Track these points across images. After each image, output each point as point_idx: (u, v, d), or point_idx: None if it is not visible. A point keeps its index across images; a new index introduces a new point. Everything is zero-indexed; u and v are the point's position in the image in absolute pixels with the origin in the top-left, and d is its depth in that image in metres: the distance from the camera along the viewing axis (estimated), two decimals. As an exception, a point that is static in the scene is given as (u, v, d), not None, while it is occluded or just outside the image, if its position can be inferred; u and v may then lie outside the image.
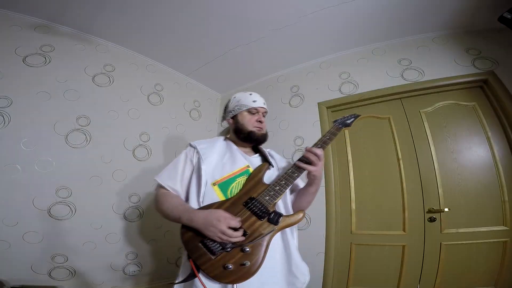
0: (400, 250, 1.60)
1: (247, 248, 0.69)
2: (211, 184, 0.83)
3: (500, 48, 1.64)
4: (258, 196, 0.78)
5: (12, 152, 1.42)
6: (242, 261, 0.68)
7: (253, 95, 1.00)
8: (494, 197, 1.46)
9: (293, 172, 0.83)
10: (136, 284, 1.77)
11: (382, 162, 1.78)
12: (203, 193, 0.82)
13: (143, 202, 1.88)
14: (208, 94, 2.71)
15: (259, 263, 0.69)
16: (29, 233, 1.40)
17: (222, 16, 1.74)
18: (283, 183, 0.81)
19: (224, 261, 0.68)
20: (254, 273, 0.68)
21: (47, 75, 1.64)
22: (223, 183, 0.84)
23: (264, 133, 1.00)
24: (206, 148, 0.93)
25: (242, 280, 0.67)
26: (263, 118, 1.01)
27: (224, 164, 0.89)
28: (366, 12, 1.69)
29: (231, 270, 0.67)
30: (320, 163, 0.81)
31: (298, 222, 0.78)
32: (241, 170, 0.88)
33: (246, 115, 0.98)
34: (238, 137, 0.98)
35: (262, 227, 0.73)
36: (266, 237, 0.73)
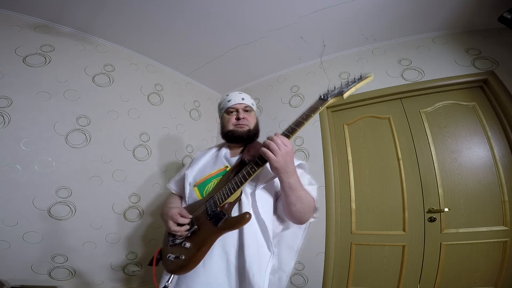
0: (400, 250, 1.60)
1: (187, 243, 0.73)
2: (193, 185, 0.90)
3: (500, 48, 1.64)
4: (215, 195, 0.77)
5: (12, 152, 1.42)
6: (179, 254, 0.73)
7: (229, 95, 0.99)
8: (494, 197, 1.46)
9: (252, 167, 0.71)
10: (136, 284, 1.77)
11: (382, 162, 1.78)
12: (188, 194, 0.90)
13: (143, 202, 1.88)
14: (208, 94, 2.71)
15: (194, 261, 0.70)
16: (29, 233, 1.40)
17: (222, 16, 1.74)
18: (238, 180, 0.72)
19: (169, 251, 0.77)
20: (188, 269, 0.70)
21: (47, 75, 1.64)
22: (201, 184, 0.89)
23: (248, 129, 0.94)
24: (200, 155, 1.02)
25: (177, 273, 0.72)
26: (244, 114, 0.95)
27: (205, 167, 0.94)
28: (366, 12, 1.69)
29: (171, 260, 0.74)
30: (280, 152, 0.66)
31: (239, 225, 0.69)
32: (219, 171, 0.89)
33: (225, 116, 0.99)
34: (224, 139, 1.00)
35: (205, 226, 0.74)
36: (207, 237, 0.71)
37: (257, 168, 0.71)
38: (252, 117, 0.99)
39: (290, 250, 0.87)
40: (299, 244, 0.88)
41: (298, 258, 0.89)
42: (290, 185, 0.70)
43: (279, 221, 0.85)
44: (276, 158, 0.66)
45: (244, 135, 0.93)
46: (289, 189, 0.71)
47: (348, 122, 1.98)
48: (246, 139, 0.93)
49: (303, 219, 0.78)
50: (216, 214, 0.71)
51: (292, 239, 0.88)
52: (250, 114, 0.98)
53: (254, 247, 0.72)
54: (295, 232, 0.88)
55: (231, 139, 0.95)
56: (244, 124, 0.94)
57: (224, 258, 0.73)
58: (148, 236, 1.88)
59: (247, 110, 0.98)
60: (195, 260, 0.70)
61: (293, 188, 0.71)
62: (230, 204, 0.75)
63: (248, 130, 0.94)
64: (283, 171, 0.68)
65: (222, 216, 0.70)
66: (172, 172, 2.13)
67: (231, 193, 0.73)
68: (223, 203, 0.73)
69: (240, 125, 0.93)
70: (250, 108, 0.99)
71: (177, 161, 2.19)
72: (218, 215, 0.71)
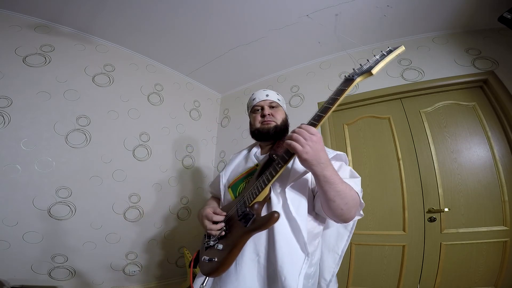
0: (400, 250, 1.60)
1: (219, 245, 0.71)
2: (227, 187, 0.91)
3: (500, 48, 1.64)
4: (245, 194, 0.74)
5: (12, 152, 1.42)
6: (213, 256, 0.71)
7: (254, 94, 0.99)
8: (494, 197, 1.46)
9: (278, 163, 0.67)
10: (136, 284, 1.77)
11: (382, 162, 1.78)
12: (223, 195, 0.92)
13: (143, 202, 1.88)
14: (208, 94, 2.71)
15: (226, 263, 0.67)
16: (29, 233, 1.40)
17: (222, 16, 1.74)
18: (265, 177, 0.68)
19: (204, 253, 0.77)
20: (220, 271, 0.68)
21: (47, 75, 1.64)
22: (234, 184, 0.88)
23: (274, 125, 0.90)
24: (234, 156, 1.03)
25: (211, 275, 0.70)
26: (269, 110, 0.92)
27: (238, 168, 0.94)
28: (366, 12, 1.69)
29: (205, 263, 0.73)
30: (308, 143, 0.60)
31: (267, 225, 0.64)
32: (250, 170, 0.87)
33: (252, 115, 0.98)
34: (253, 138, 0.99)
35: (236, 227, 0.71)
36: (238, 238, 0.68)
37: (283, 163, 0.65)
38: (279, 113, 0.94)
39: (333, 253, 0.82)
40: (344, 247, 0.82)
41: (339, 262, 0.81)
42: (326, 179, 0.62)
43: (318, 221, 0.79)
44: (304, 148, 0.60)
45: (271, 131, 0.89)
46: (325, 183, 0.62)
47: (348, 122, 1.98)
48: (273, 135, 0.90)
49: (346, 217, 0.69)
50: (245, 214, 0.68)
51: (336, 241, 0.83)
52: (276, 109, 0.94)
53: (286, 249, 0.67)
54: (340, 233, 0.84)
55: (258, 137, 0.94)
56: (270, 120, 0.91)
57: (255, 260, 0.70)
58: (148, 236, 1.88)
59: (273, 106, 0.95)
60: (227, 262, 0.67)
61: (329, 181, 0.62)
62: (260, 203, 0.70)
63: (275, 126, 0.90)
64: (315, 162, 0.61)
65: (250, 216, 0.67)
66: (172, 172, 2.13)
67: (258, 192, 0.69)
68: (251, 203, 0.70)
69: (266, 121, 0.90)
70: (276, 103, 0.95)
71: (177, 161, 2.19)
72: (247, 215, 0.67)
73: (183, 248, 1.90)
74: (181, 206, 2.13)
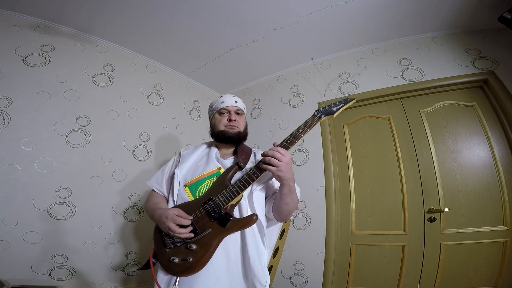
0: (400, 250, 1.60)
1: (193, 245, 0.74)
2: (183, 185, 0.90)
3: (500, 48, 1.64)
4: (216, 197, 0.79)
5: (12, 152, 1.42)
6: (186, 256, 0.74)
7: (222, 97, 1.03)
8: (494, 197, 1.46)
9: (254, 172, 0.78)
10: (136, 284, 1.77)
11: (382, 162, 1.78)
12: (177, 193, 0.90)
13: (143, 202, 1.88)
14: (208, 94, 2.71)
15: (202, 261, 0.72)
16: (29, 233, 1.40)
17: (222, 16, 1.74)
18: (241, 184, 0.77)
19: (172, 254, 0.76)
20: (196, 270, 0.72)
21: (47, 75, 1.64)
22: (193, 184, 0.89)
23: (238, 131, 0.98)
24: (188, 153, 1.02)
25: (184, 274, 0.73)
26: (235, 116, 0.99)
27: (197, 167, 0.95)
28: (366, 12, 1.69)
29: (176, 263, 0.74)
30: (282, 163, 0.74)
31: (248, 225, 0.74)
32: (212, 172, 0.90)
33: (217, 116, 1.02)
34: (214, 138, 1.03)
35: (211, 228, 0.75)
36: (214, 238, 0.74)
37: (259, 174, 0.77)
38: (243, 120, 1.03)
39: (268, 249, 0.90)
40: (275, 241, 0.95)
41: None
42: (290, 189, 0.80)
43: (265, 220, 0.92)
44: (278, 168, 0.74)
45: (235, 136, 0.97)
46: (289, 191, 0.80)
47: (348, 122, 1.98)
48: (236, 141, 0.98)
49: (288, 217, 0.88)
50: (222, 216, 0.75)
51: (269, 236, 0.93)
52: (241, 117, 1.03)
53: (254, 245, 0.78)
54: (271, 230, 0.96)
55: (221, 139, 0.98)
56: (235, 126, 0.98)
57: (225, 256, 0.76)
58: (148, 236, 1.88)
59: (239, 113, 1.02)
60: (204, 261, 0.72)
61: (291, 191, 0.80)
62: (232, 206, 0.79)
63: (238, 132, 0.98)
64: (286, 178, 0.77)
65: (229, 217, 0.74)
66: (172, 172, 2.12)
67: (234, 196, 0.76)
68: (226, 205, 0.76)
69: (232, 126, 0.97)
70: (241, 111, 1.03)
71: (177, 161, 2.18)
72: (224, 217, 0.74)
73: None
74: (181, 206, 2.12)
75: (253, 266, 0.75)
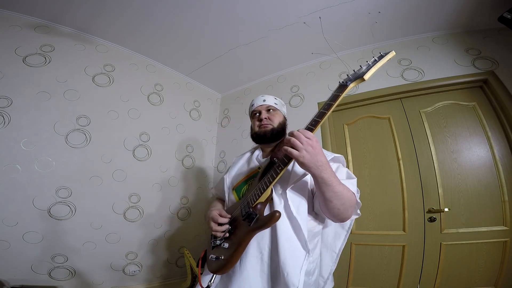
0: (400, 250, 1.60)
1: (225, 244, 0.76)
2: (231, 189, 0.95)
3: (500, 48, 1.64)
4: (248, 196, 0.79)
5: (12, 152, 1.42)
6: (219, 254, 0.76)
7: (253, 100, 1.04)
8: (494, 197, 1.46)
9: (278, 166, 0.70)
10: (136, 284, 1.77)
11: (382, 162, 1.78)
12: (227, 197, 0.94)
13: (143, 202, 1.88)
14: (208, 94, 2.71)
15: (232, 260, 0.72)
16: (29, 233, 1.40)
17: (222, 16, 1.74)
18: (267, 180, 0.72)
19: (211, 252, 0.80)
20: (227, 268, 0.73)
21: (47, 75, 1.64)
22: (238, 187, 0.93)
23: (271, 128, 0.95)
24: (238, 159, 1.07)
25: (218, 272, 0.75)
26: (266, 114, 0.98)
27: (241, 170, 0.99)
28: (366, 12, 1.69)
29: (213, 261, 0.77)
30: (307, 148, 0.63)
31: (270, 223, 0.68)
32: (252, 173, 0.92)
33: (252, 120, 1.04)
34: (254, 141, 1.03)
35: (241, 226, 0.75)
36: (243, 236, 0.72)
37: (283, 166, 0.69)
38: (277, 116, 0.98)
39: (331, 252, 0.88)
40: (341, 245, 0.87)
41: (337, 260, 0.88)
42: (323, 180, 0.65)
43: (318, 220, 0.83)
44: (300, 153, 0.63)
45: (268, 133, 0.94)
46: (323, 184, 0.66)
47: (348, 122, 1.98)
48: (270, 138, 0.95)
49: (343, 216, 0.72)
50: (249, 214, 0.72)
51: (334, 240, 0.88)
52: (274, 113, 0.99)
53: (287, 246, 0.71)
54: (337, 233, 0.89)
55: (257, 140, 0.99)
56: (267, 123, 0.96)
57: (259, 257, 0.75)
58: (148, 236, 1.88)
59: (270, 109, 1.00)
60: (233, 260, 0.72)
61: (327, 183, 0.65)
62: (262, 204, 0.75)
63: (272, 128, 0.95)
64: (312, 165, 0.64)
65: (254, 216, 0.71)
66: (172, 172, 2.13)
67: (261, 193, 0.73)
68: (255, 203, 0.74)
69: (264, 125, 0.96)
70: (273, 107, 1.00)
71: (177, 161, 2.19)
72: (250, 215, 0.71)
73: (183, 248, 1.90)
74: (181, 206, 2.13)
75: (283, 269, 0.68)
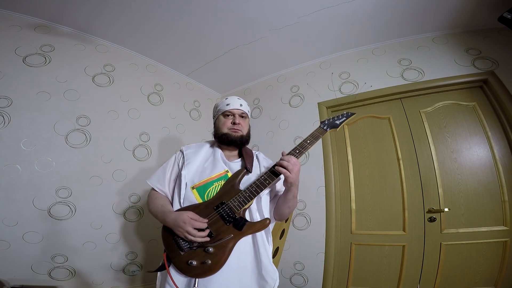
0: (400, 250, 1.60)
1: (210, 249, 0.77)
2: (191, 187, 0.90)
3: (500, 48, 1.64)
4: (229, 201, 0.81)
5: (12, 152, 1.42)
6: (204, 259, 0.76)
7: (228, 99, 1.03)
8: (494, 197, 1.46)
9: (265, 179, 0.83)
10: (136, 284, 1.77)
11: (382, 162, 1.78)
12: (183, 195, 0.89)
13: (143, 202, 1.88)
14: (208, 94, 2.71)
15: (220, 263, 0.76)
16: (29, 233, 1.40)
17: (222, 16, 1.74)
18: (253, 189, 0.82)
19: (189, 257, 0.77)
20: (214, 271, 0.75)
21: (47, 75, 1.64)
22: (201, 187, 0.89)
23: (241, 135, 0.99)
24: (192, 153, 1.00)
25: (203, 276, 0.76)
26: (240, 119, 0.99)
27: (204, 169, 0.94)
28: (366, 12, 1.69)
29: (194, 266, 0.76)
30: (294, 171, 0.81)
31: (262, 228, 0.81)
32: (220, 175, 0.91)
33: (221, 118, 1.02)
34: (217, 140, 1.02)
35: (227, 231, 0.79)
36: (230, 241, 0.78)
37: (271, 180, 0.83)
38: (247, 124, 1.04)
39: None
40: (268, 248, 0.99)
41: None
42: (294, 194, 0.88)
43: None
44: (292, 175, 0.80)
45: (238, 140, 0.98)
46: (293, 197, 0.88)
47: (348, 122, 1.97)
48: (238, 144, 0.99)
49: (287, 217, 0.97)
50: (237, 220, 0.79)
51: None
52: (245, 120, 1.03)
53: (262, 244, 0.84)
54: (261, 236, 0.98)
55: (224, 142, 0.99)
56: (239, 129, 0.98)
57: (236, 257, 0.80)
58: (148, 236, 1.88)
59: (243, 116, 1.02)
60: (222, 263, 0.76)
61: (295, 196, 0.89)
62: (244, 209, 0.83)
63: (241, 135, 0.99)
64: (295, 184, 0.85)
65: (244, 222, 0.79)
66: (172, 172, 2.12)
67: (248, 201, 0.81)
68: (241, 209, 0.81)
69: (235, 129, 0.98)
70: (246, 114, 1.04)
71: (177, 161, 2.18)
72: (239, 221, 0.78)
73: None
74: (181, 206, 2.12)
75: (264, 263, 0.83)
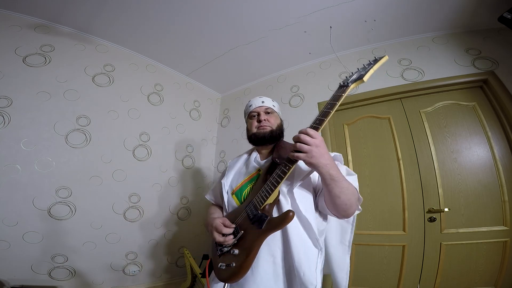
0: (400, 250, 1.60)
1: (235, 250, 0.72)
2: (231, 193, 0.92)
3: (500, 48, 1.64)
4: (254, 198, 0.76)
5: (12, 152, 1.42)
6: (230, 262, 0.72)
7: (250, 101, 1.03)
8: (494, 197, 1.46)
9: (285, 165, 0.70)
10: (136, 284, 1.77)
11: (382, 162, 1.78)
12: (227, 202, 0.91)
13: (143, 202, 1.88)
14: (208, 94, 2.71)
15: (245, 266, 0.69)
16: (29, 233, 1.40)
17: (222, 16, 1.74)
18: (274, 180, 0.72)
19: (220, 260, 0.76)
20: (240, 275, 0.69)
21: (47, 75, 1.64)
22: (238, 190, 0.90)
23: (270, 130, 0.95)
24: (233, 163, 1.04)
25: (231, 280, 0.70)
26: (265, 115, 0.97)
27: (240, 174, 0.96)
28: (366, 12, 1.69)
29: (223, 269, 0.73)
30: (312, 147, 0.64)
31: (283, 223, 0.67)
32: (252, 176, 0.91)
33: (249, 121, 1.02)
34: (251, 143, 1.02)
35: (252, 230, 0.72)
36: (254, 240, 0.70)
37: (291, 165, 0.69)
38: (274, 118, 0.99)
39: (342, 246, 0.87)
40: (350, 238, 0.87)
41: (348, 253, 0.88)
42: (332, 177, 0.67)
43: (322, 218, 0.83)
44: (308, 154, 0.64)
45: (267, 135, 0.94)
46: (332, 181, 0.67)
47: (348, 122, 1.98)
48: (269, 139, 0.94)
49: (349, 212, 0.73)
50: (258, 217, 0.70)
51: (342, 234, 0.87)
52: (272, 115, 0.99)
53: (300, 246, 0.71)
54: (343, 227, 0.87)
55: (255, 142, 0.97)
56: (266, 125, 0.95)
57: (270, 261, 0.74)
58: (148, 236, 1.88)
59: (269, 112, 1.00)
60: (246, 266, 0.69)
61: (335, 179, 0.67)
62: (270, 205, 0.73)
63: (271, 130, 0.95)
64: (320, 164, 0.65)
65: (264, 218, 0.69)
66: (172, 172, 2.13)
67: (269, 194, 0.71)
68: (263, 205, 0.72)
69: (262, 126, 0.95)
70: (271, 109, 1.00)
71: (177, 161, 2.19)
72: (260, 218, 0.70)
73: (183, 248, 1.90)
74: (181, 206, 2.13)
75: (299, 270, 0.69)
